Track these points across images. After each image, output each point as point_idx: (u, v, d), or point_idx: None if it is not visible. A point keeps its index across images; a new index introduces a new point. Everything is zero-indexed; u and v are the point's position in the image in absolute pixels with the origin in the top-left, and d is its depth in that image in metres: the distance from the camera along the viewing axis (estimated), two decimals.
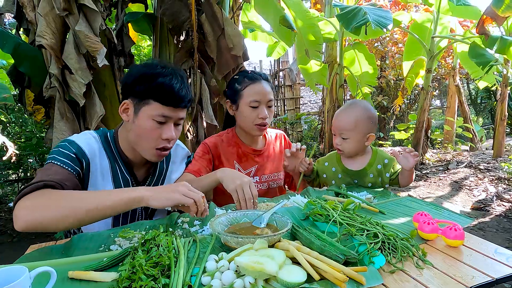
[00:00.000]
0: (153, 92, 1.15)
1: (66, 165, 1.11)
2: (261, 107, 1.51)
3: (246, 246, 0.83)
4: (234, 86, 1.56)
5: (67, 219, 0.95)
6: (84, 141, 1.19)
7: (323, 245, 0.84)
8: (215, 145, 1.60)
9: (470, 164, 4.96)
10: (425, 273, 0.81)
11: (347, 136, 1.49)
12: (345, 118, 1.50)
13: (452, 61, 6.83)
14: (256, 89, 1.52)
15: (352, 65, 5.04)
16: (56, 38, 2.18)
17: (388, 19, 3.08)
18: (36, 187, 1.00)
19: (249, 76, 1.56)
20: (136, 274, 0.75)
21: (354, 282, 0.74)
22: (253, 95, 1.51)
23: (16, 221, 0.95)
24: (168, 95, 1.16)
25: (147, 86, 1.15)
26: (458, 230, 0.92)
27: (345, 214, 1.05)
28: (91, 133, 1.25)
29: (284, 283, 0.71)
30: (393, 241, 0.91)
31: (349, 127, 1.48)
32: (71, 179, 1.10)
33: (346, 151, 1.52)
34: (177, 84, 1.17)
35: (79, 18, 2.16)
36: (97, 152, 1.22)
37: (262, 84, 1.53)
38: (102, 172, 1.23)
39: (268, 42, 4.97)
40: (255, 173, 1.62)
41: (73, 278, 0.80)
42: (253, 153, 1.63)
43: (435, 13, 4.54)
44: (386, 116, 7.96)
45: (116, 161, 1.26)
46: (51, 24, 2.15)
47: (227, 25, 2.78)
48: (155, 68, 1.18)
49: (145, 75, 1.16)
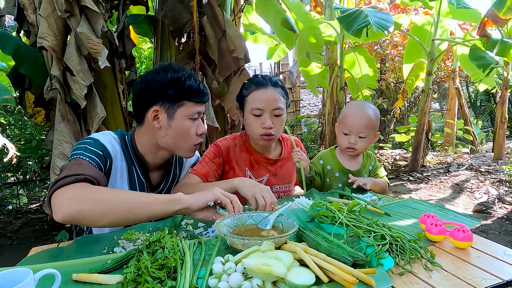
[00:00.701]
0: (186, 93, 1.20)
1: (94, 162, 1.10)
2: (264, 116, 1.40)
3: (253, 248, 0.81)
4: (241, 91, 1.49)
5: (110, 215, 0.94)
6: (108, 141, 1.19)
7: (330, 247, 0.83)
8: (227, 149, 1.51)
9: (471, 167, 4.95)
10: (434, 275, 0.80)
11: (365, 135, 1.48)
12: (365, 116, 1.48)
13: (451, 64, 6.85)
14: (259, 95, 1.41)
15: (353, 67, 5.05)
16: (57, 40, 2.17)
17: (389, 22, 3.08)
18: (76, 180, 0.98)
19: (255, 81, 1.45)
20: (142, 276, 0.74)
21: (363, 284, 0.73)
22: (255, 102, 1.41)
23: (57, 211, 0.92)
24: (198, 93, 1.22)
25: (180, 89, 1.19)
26: (466, 231, 0.91)
27: (351, 215, 1.04)
28: (111, 134, 1.25)
29: (293, 285, 0.70)
30: (401, 243, 0.90)
31: (369, 125, 1.47)
32: (102, 176, 1.10)
33: (360, 150, 1.51)
34: (197, 82, 1.25)
35: (81, 19, 2.16)
36: (117, 154, 1.22)
37: (267, 90, 1.41)
38: (121, 173, 1.24)
39: (268, 44, 4.98)
40: (266, 183, 1.52)
41: (77, 280, 0.79)
42: (266, 161, 1.54)
43: (435, 15, 4.55)
44: (386, 119, 7.96)
45: (133, 164, 1.27)
46: (53, 26, 2.15)
47: (229, 27, 2.78)
48: (178, 72, 1.23)
49: (173, 79, 1.20)
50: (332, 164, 1.57)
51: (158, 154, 1.28)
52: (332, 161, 1.57)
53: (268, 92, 1.41)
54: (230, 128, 3.26)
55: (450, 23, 5.07)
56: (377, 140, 7.81)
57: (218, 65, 2.85)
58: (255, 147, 1.53)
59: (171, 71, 1.22)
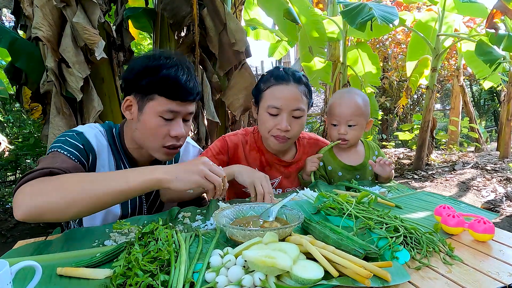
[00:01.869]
0: (158, 86, 1.04)
1: (73, 156, 1.02)
2: (282, 116, 1.24)
3: (254, 240, 0.74)
4: (259, 84, 1.32)
5: (75, 204, 0.85)
6: (93, 135, 1.11)
7: (339, 239, 0.75)
8: (235, 145, 1.38)
9: (476, 165, 4.86)
10: (454, 269, 0.72)
11: (355, 123, 1.37)
12: (351, 103, 1.38)
13: (455, 62, 6.76)
14: (278, 92, 1.24)
15: (356, 64, 4.97)
16: (53, 31, 2.11)
17: (394, 15, 3.01)
18: (40, 174, 0.90)
19: (275, 75, 1.27)
20: (132, 270, 0.66)
21: (378, 279, 0.65)
22: (272, 100, 1.24)
23: (15, 209, 0.84)
24: (174, 88, 1.05)
25: (151, 79, 1.05)
26: (487, 223, 0.83)
27: (360, 207, 0.96)
28: (97, 127, 1.17)
29: (299, 279, 0.63)
30: (416, 235, 0.82)
31: (357, 112, 1.37)
32: (79, 168, 1.01)
33: (352, 140, 1.41)
34: (184, 76, 1.07)
35: (77, 10, 2.09)
36: (103, 147, 1.14)
37: (288, 86, 1.24)
38: (109, 169, 1.16)
39: (270, 40, 4.91)
40: (278, 185, 1.41)
41: (62, 275, 0.72)
42: (279, 163, 1.41)
43: (440, 11, 4.46)
44: (388, 117, 7.88)
45: (121, 159, 1.18)
46: (48, 16, 2.08)
47: (230, 20, 2.71)
48: (158, 60, 1.07)
49: (147, 67, 1.06)
50: (333, 164, 1.44)
51: (142, 150, 1.17)
52: (332, 160, 1.45)
53: (289, 88, 1.24)
54: (231, 124, 3.19)
55: (455, 20, 4.99)
56: (380, 139, 7.74)
57: (219, 59, 2.78)
58: (268, 147, 1.38)
59: (152, 58, 1.08)
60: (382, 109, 7.61)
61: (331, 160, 1.45)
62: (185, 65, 1.11)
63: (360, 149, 1.50)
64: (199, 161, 0.93)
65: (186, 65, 1.11)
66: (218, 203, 1.10)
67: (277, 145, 1.30)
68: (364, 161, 1.45)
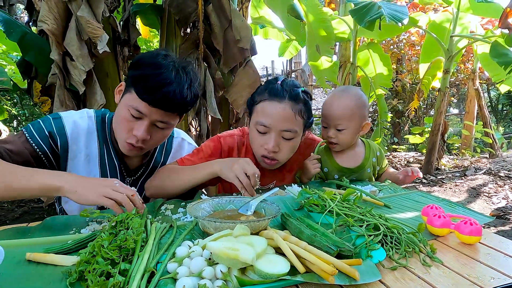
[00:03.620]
0: (135, 81, 1.02)
1: (32, 140, 1.04)
2: (270, 135, 1.14)
3: (224, 232, 0.72)
4: (253, 95, 1.23)
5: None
6: (72, 120, 1.12)
7: (313, 235, 0.73)
8: (230, 149, 1.29)
9: (489, 171, 4.71)
10: (433, 271, 0.68)
11: (343, 127, 1.28)
12: (340, 106, 1.29)
13: (471, 65, 6.57)
14: (269, 108, 1.13)
15: (366, 65, 4.88)
16: (58, 24, 2.14)
17: (404, 14, 2.94)
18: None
19: (270, 88, 1.16)
20: (96, 257, 0.65)
21: (346, 276, 0.62)
22: (262, 116, 1.14)
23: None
24: (147, 89, 0.99)
25: (133, 73, 1.04)
26: (474, 224, 0.79)
27: (344, 205, 0.93)
28: (87, 112, 1.18)
29: (262, 274, 0.60)
30: (397, 234, 0.79)
31: (346, 116, 1.28)
32: (25, 154, 1.03)
33: (341, 144, 1.33)
34: (169, 81, 1.00)
35: (82, 3, 2.12)
36: (85, 134, 1.14)
37: (282, 104, 1.12)
38: (89, 155, 1.16)
39: (279, 39, 4.87)
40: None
41: (30, 260, 0.72)
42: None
43: (455, 11, 4.34)
44: (401, 120, 7.72)
45: (107, 146, 1.18)
46: (54, 9, 2.11)
47: (235, 17, 2.70)
48: (154, 57, 1.05)
49: (138, 61, 1.06)
50: (329, 165, 1.38)
51: None
52: (328, 162, 1.38)
53: (282, 106, 1.13)
54: (234, 121, 3.18)
55: (471, 21, 4.84)
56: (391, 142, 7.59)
57: (223, 56, 2.77)
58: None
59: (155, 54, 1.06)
60: (394, 112, 7.46)
61: (328, 162, 1.39)
62: (183, 71, 1.05)
63: (360, 150, 1.42)
64: (105, 182, 0.91)
65: (184, 71, 1.06)
66: (202, 196, 1.08)
67: (266, 166, 1.23)
68: (363, 163, 1.39)
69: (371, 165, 1.42)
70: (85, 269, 0.64)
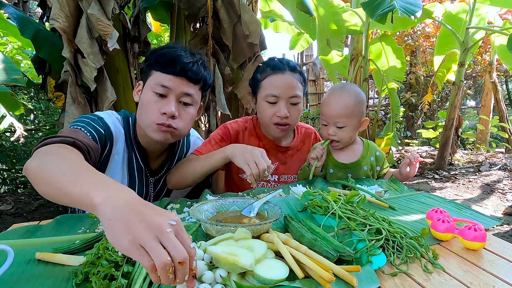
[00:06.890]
0: (155, 62, 1.08)
1: (92, 137, 1.03)
2: (280, 103, 1.30)
3: (226, 235, 0.73)
4: (255, 75, 1.38)
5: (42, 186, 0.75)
6: (112, 121, 1.14)
7: (313, 239, 0.73)
8: (236, 132, 1.42)
9: (505, 167, 4.59)
10: (434, 278, 0.68)
11: (343, 124, 1.31)
12: (341, 104, 1.31)
13: (489, 57, 6.37)
14: (275, 81, 1.30)
15: (379, 58, 4.79)
16: (69, 22, 2.17)
17: (417, 6, 2.86)
18: (62, 141, 0.88)
19: (271, 65, 1.33)
20: (100, 259, 0.67)
21: (344, 283, 0.63)
22: (270, 88, 1.30)
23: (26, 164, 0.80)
24: (168, 61, 1.05)
25: (150, 58, 1.10)
26: (478, 230, 0.78)
27: (347, 207, 0.93)
28: (114, 114, 1.19)
29: (260, 279, 0.61)
30: (399, 239, 0.78)
31: (346, 114, 1.30)
32: (97, 150, 1.03)
33: (342, 141, 1.35)
34: (186, 55, 1.08)
35: (92, 1, 2.14)
36: (121, 135, 1.17)
37: (284, 75, 1.30)
38: (120, 157, 1.18)
39: (290, 33, 4.82)
40: (274, 172, 1.43)
41: (40, 260, 0.75)
42: (277, 148, 1.45)
43: (471, 2, 4.20)
44: (414, 114, 7.58)
45: (133, 148, 1.20)
46: (65, 7, 2.14)
47: (244, 12, 2.68)
48: (168, 45, 1.13)
49: (151, 51, 1.11)
50: (326, 160, 1.38)
51: (147, 137, 1.15)
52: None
53: (285, 77, 1.31)
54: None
55: (488, 11, 4.68)
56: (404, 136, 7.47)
57: (232, 51, 2.76)
58: (267, 133, 1.43)
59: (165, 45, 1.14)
60: (408, 105, 7.33)
61: None
62: (195, 52, 1.13)
63: (357, 148, 1.43)
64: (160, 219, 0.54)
65: (196, 52, 1.14)
66: (207, 196, 1.10)
67: (279, 133, 1.36)
68: (359, 160, 1.39)
69: (369, 163, 1.41)
70: (90, 270, 0.66)
